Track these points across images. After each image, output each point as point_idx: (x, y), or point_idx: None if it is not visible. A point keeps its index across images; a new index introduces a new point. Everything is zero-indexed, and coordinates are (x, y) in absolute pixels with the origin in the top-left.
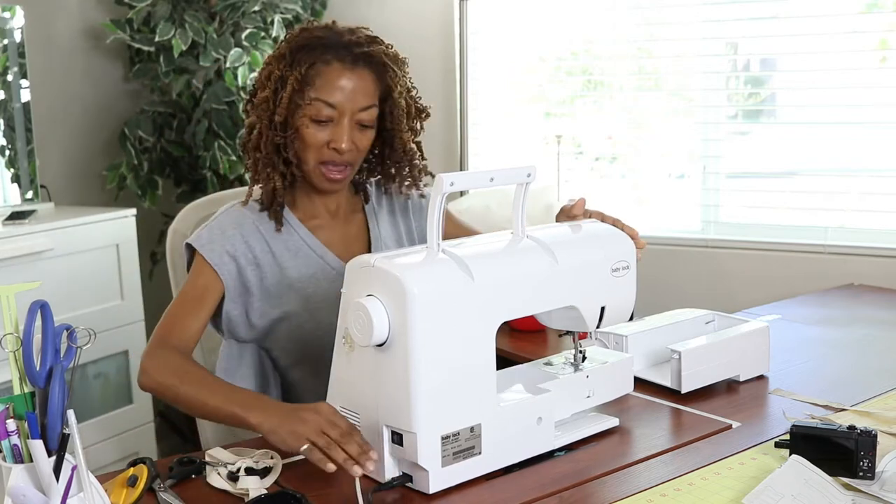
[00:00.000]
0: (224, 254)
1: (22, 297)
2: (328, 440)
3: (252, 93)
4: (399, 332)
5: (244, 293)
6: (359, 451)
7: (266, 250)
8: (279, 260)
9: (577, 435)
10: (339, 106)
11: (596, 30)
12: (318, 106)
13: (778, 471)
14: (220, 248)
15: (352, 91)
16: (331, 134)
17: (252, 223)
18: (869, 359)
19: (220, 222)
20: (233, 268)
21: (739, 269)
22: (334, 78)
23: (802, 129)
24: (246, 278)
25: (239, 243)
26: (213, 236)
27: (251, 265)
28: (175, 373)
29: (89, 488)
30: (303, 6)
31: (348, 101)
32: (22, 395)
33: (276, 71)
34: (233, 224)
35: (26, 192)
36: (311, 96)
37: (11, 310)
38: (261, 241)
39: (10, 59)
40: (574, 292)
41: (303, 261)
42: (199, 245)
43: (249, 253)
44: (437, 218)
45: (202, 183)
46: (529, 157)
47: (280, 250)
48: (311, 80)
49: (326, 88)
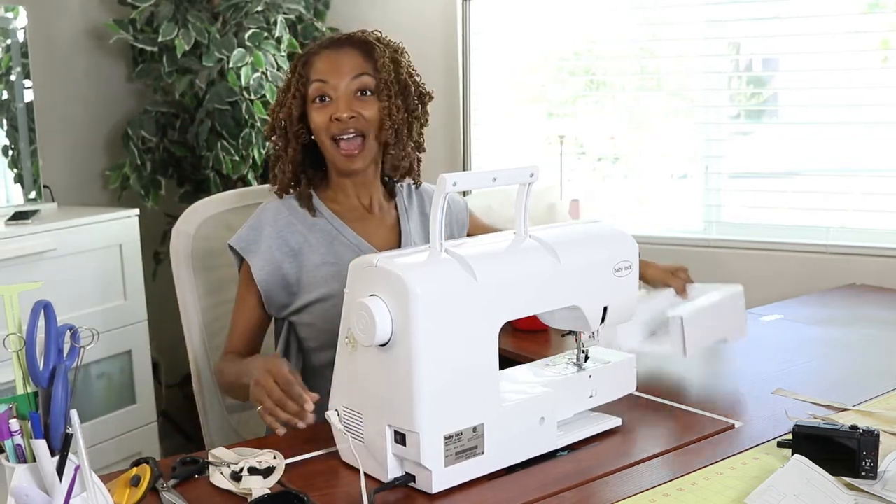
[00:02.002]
0: (262, 255)
1: (25, 297)
2: (271, 404)
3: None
4: (402, 332)
5: (285, 286)
6: (296, 409)
7: (303, 240)
8: (315, 247)
9: (579, 435)
10: (331, 80)
11: (598, 30)
12: (314, 87)
13: (780, 471)
14: (257, 246)
15: (339, 64)
16: (329, 109)
17: (286, 216)
18: (871, 359)
19: (258, 220)
20: (271, 268)
21: (741, 269)
22: (326, 61)
23: (804, 129)
24: (285, 271)
25: (275, 239)
26: (251, 236)
27: (288, 258)
28: (217, 376)
29: (92, 488)
30: (306, 6)
31: (337, 74)
32: (25, 395)
33: (288, 80)
34: (269, 221)
35: (29, 193)
36: (310, 83)
37: (15, 310)
38: (296, 231)
39: (13, 60)
40: (577, 292)
41: (339, 248)
42: (240, 247)
43: (285, 246)
44: (440, 218)
45: (205, 183)
46: (532, 157)
47: (317, 238)
48: (307, 73)
49: (318, 70)
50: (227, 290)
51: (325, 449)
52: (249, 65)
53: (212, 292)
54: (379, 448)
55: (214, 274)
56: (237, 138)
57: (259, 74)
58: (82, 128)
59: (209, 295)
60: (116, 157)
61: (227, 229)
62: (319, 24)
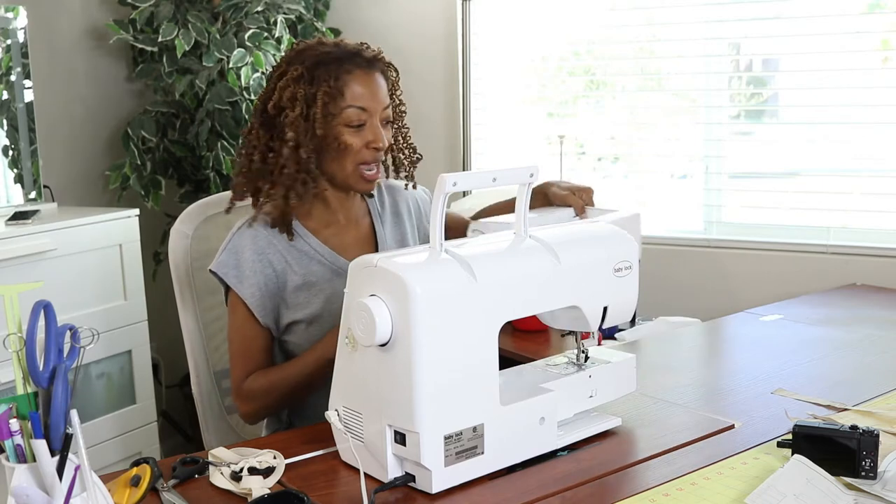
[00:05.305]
0: (247, 279)
1: (25, 297)
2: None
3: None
4: (402, 332)
5: (274, 307)
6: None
7: (282, 260)
8: (295, 268)
9: (579, 435)
10: (370, 108)
11: (598, 30)
12: (350, 113)
13: (780, 470)
14: (240, 272)
15: (376, 92)
16: (366, 135)
17: (265, 238)
18: (871, 359)
19: (235, 245)
20: (262, 293)
21: (742, 270)
22: (360, 84)
23: (805, 129)
24: (270, 290)
25: (257, 261)
26: (231, 260)
27: (272, 279)
28: (263, 395)
29: (92, 488)
30: (305, 6)
31: (376, 102)
32: (25, 395)
33: (299, 91)
34: (248, 244)
35: (29, 193)
36: (343, 105)
37: (15, 310)
38: (276, 253)
39: (13, 60)
40: (577, 292)
41: (316, 268)
42: (223, 273)
43: (269, 268)
44: (440, 218)
45: (205, 183)
46: (532, 157)
47: (296, 258)
48: (340, 91)
49: (355, 95)
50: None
51: (325, 449)
52: (249, 65)
53: (211, 292)
54: (379, 448)
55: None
56: (237, 138)
57: (259, 74)
58: (82, 128)
59: (208, 295)
60: (116, 157)
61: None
62: (319, 24)
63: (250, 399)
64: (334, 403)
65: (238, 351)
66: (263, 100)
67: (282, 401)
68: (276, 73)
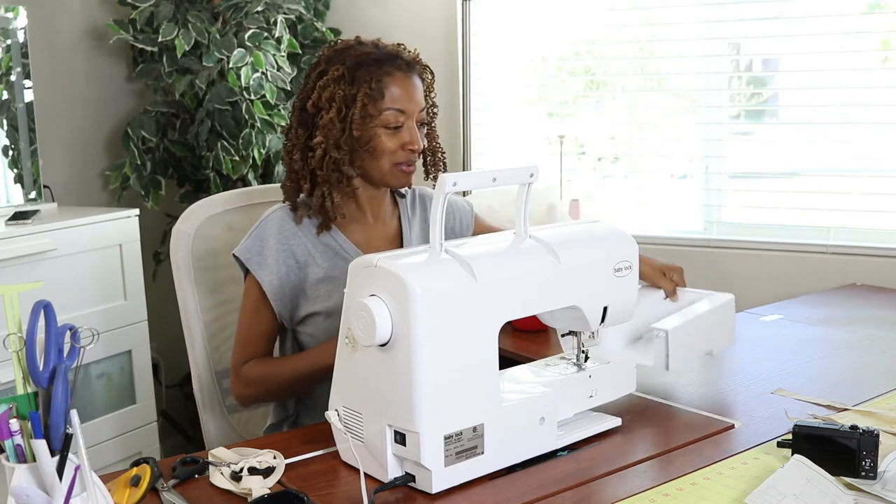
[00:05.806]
0: (269, 268)
1: (25, 297)
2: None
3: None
4: (402, 332)
5: (293, 297)
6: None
7: (306, 252)
8: (318, 261)
9: (579, 435)
10: (408, 110)
11: (598, 30)
12: (389, 115)
13: (780, 470)
14: (263, 259)
15: (414, 95)
16: (402, 137)
17: (291, 227)
18: (871, 359)
19: (261, 230)
20: (280, 281)
21: (742, 270)
22: (399, 86)
23: (805, 129)
24: (292, 283)
25: (280, 250)
26: (255, 246)
27: (294, 269)
28: (258, 383)
29: (92, 488)
30: (306, 6)
31: (414, 105)
32: (25, 395)
33: (339, 91)
34: (274, 233)
35: (29, 193)
36: (382, 107)
37: (15, 310)
38: (301, 244)
39: (13, 60)
40: (577, 292)
41: (341, 263)
42: (245, 258)
43: (291, 258)
44: (440, 218)
45: (205, 183)
46: (532, 157)
47: (321, 251)
48: (381, 93)
49: (395, 97)
50: (227, 290)
51: (325, 449)
52: (249, 65)
53: (212, 292)
54: (379, 448)
55: (214, 274)
56: (237, 138)
57: (259, 74)
58: (82, 128)
59: (209, 295)
60: (116, 157)
61: (227, 229)
62: (319, 24)
63: (246, 384)
64: (334, 403)
65: (243, 335)
66: (302, 98)
67: (275, 394)
68: (314, 71)
